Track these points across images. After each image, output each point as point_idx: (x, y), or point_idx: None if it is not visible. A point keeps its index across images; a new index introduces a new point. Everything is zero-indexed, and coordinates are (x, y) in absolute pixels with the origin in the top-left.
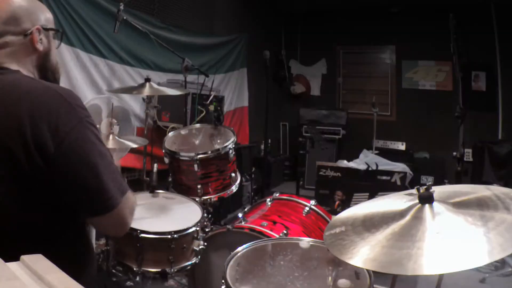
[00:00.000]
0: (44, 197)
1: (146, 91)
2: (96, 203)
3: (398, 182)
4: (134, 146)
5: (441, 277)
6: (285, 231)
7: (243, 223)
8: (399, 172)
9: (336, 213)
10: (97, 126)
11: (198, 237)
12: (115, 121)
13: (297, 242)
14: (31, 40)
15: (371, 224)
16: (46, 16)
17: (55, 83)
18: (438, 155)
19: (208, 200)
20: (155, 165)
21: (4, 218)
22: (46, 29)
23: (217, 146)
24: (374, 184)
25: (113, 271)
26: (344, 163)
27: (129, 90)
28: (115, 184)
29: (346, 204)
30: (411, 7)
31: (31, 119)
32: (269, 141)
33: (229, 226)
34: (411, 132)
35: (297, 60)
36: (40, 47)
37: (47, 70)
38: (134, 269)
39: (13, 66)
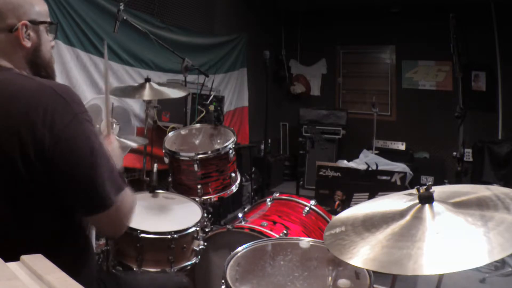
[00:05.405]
0: (42, 199)
1: (147, 92)
2: (91, 201)
3: (398, 182)
4: (134, 146)
5: (441, 277)
6: (285, 231)
7: (243, 223)
8: (399, 172)
9: (336, 213)
10: (97, 126)
11: (198, 237)
12: (115, 121)
13: (297, 242)
14: (17, 36)
15: (371, 224)
16: (37, 9)
17: (49, 79)
18: (438, 155)
19: (208, 200)
20: (155, 165)
21: (3, 220)
22: (36, 23)
23: (217, 146)
24: (374, 184)
25: (113, 271)
26: (344, 163)
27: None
28: (110, 182)
29: (346, 204)
30: (411, 7)
31: (26, 120)
32: (269, 141)
33: (229, 226)
34: (411, 132)
35: (297, 60)
36: (27, 43)
37: (38, 66)
38: (134, 269)
39: (5, 64)
